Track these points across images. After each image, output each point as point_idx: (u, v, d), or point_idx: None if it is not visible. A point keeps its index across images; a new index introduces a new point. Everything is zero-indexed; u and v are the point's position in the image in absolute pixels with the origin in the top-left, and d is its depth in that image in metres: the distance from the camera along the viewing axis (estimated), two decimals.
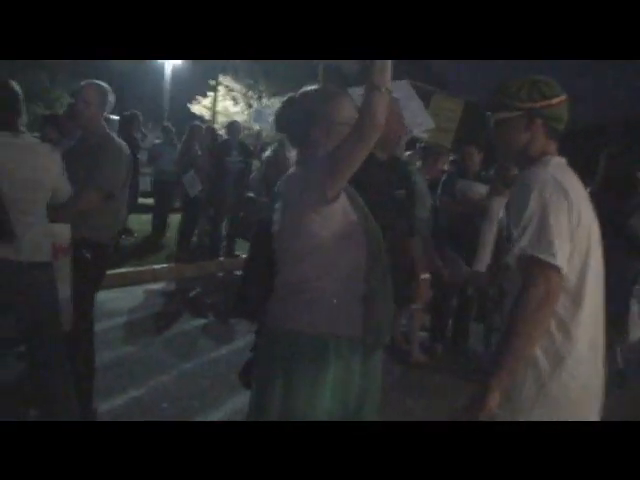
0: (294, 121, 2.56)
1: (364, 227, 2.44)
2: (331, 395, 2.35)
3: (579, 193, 2.18)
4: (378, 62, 2.23)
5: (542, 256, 2.02)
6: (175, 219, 10.41)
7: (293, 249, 2.42)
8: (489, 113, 2.38)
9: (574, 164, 2.32)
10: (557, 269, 2.03)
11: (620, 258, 4.04)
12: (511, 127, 2.30)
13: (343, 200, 2.40)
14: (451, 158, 9.08)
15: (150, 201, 11.40)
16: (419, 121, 5.82)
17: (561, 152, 2.33)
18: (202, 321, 6.74)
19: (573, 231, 2.09)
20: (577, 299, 2.13)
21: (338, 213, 2.37)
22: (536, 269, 2.03)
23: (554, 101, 2.26)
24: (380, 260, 2.48)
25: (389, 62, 2.24)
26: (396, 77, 2.37)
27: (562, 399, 2.12)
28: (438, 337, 6.44)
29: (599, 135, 29.22)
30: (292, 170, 2.55)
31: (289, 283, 2.43)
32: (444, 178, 6.57)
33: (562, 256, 2.04)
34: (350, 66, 2.62)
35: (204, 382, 4.96)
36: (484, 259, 5.85)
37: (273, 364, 2.39)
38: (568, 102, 2.30)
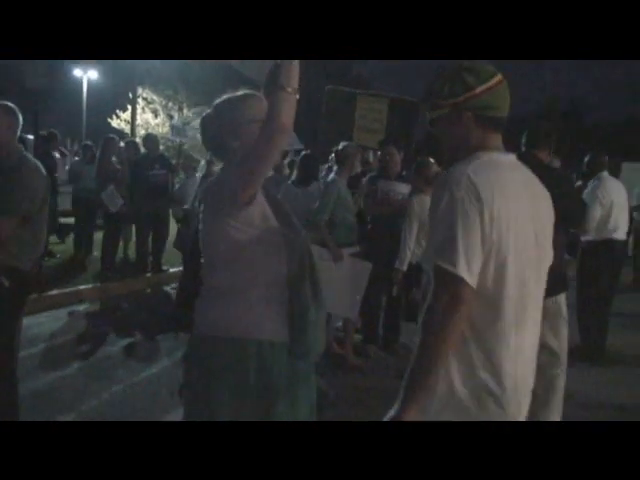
0: (211, 134, 2.59)
1: (286, 235, 2.44)
2: (254, 400, 2.37)
3: (506, 195, 2.02)
4: (285, 62, 2.23)
5: (444, 265, 1.92)
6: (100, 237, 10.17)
7: (214, 255, 2.45)
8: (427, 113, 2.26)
9: None
10: (461, 279, 1.92)
11: None
12: (444, 124, 2.19)
13: (262, 206, 2.41)
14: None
15: (72, 220, 11.13)
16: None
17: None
18: (130, 340, 6.58)
19: (486, 236, 1.96)
20: (494, 306, 2.02)
21: (257, 218, 2.38)
22: (441, 277, 1.94)
23: (478, 90, 2.09)
24: (307, 269, 2.47)
25: (296, 62, 2.25)
26: (319, 81, 2.35)
27: (472, 407, 2.02)
28: (370, 338, 6.49)
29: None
30: (213, 178, 2.59)
31: (211, 289, 2.46)
32: (366, 180, 6.62)
33: (465, 265, 1.92)
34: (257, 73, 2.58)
35: (136, 403, 4.85)
36: (406, 258, 5.95)
37: (195, 371, 2.43)
38: (501, 85, 2.13)
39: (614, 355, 6.64)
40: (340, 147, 6.35)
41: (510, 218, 2.00)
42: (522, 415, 2.13)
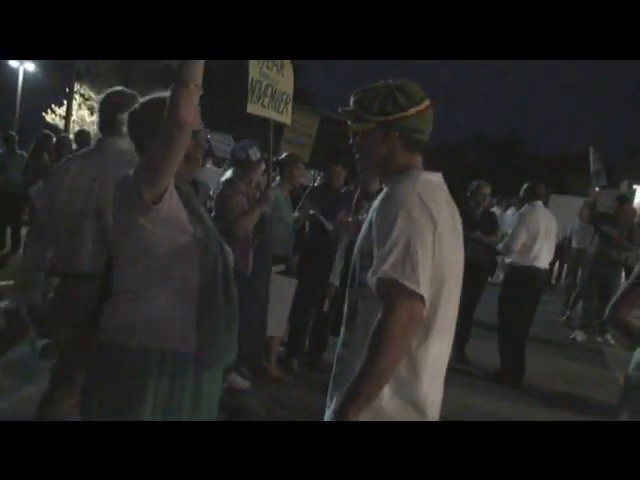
0: (132, 131, 2.49)
1: (200, 241, 2.34)
2: (152, 413, 2.25)
3: (445, 214, 2.11)
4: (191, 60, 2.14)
5: (406, 283, 1.94)
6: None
7: (122, 256, 2.35)
8: (348, 123, 2.26)
9: None
10: (420, 297, 1.96)
11: None
12: (368, 139, 2.20)
13: (176, 209, 2.30)
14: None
15: None
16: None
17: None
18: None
19: (435, 254, 2.02)
20: (427, 325, 2.07)
21: (168, 219, 2.27)
22: (399, 295, 1.95)
23: (409, 112, 2.13)
24: (220, 278, 2.39)
25: (202, 61, 2.17)
26: None
27: (397, 418, 2.07)
28: (295, 352, 6.45)
29: None
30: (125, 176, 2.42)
31: (117, 292, 2.36)
32: (307, 193, 6.57)
33: (424, 284, 1.96)
34: None
35: None
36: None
37: (95, 377, 2.31)
38: (428, 111, 2.19)
39: (532, 380, 6.82)
40: (281, 157, 6.33)
41: (448, 237, 2.09)
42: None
